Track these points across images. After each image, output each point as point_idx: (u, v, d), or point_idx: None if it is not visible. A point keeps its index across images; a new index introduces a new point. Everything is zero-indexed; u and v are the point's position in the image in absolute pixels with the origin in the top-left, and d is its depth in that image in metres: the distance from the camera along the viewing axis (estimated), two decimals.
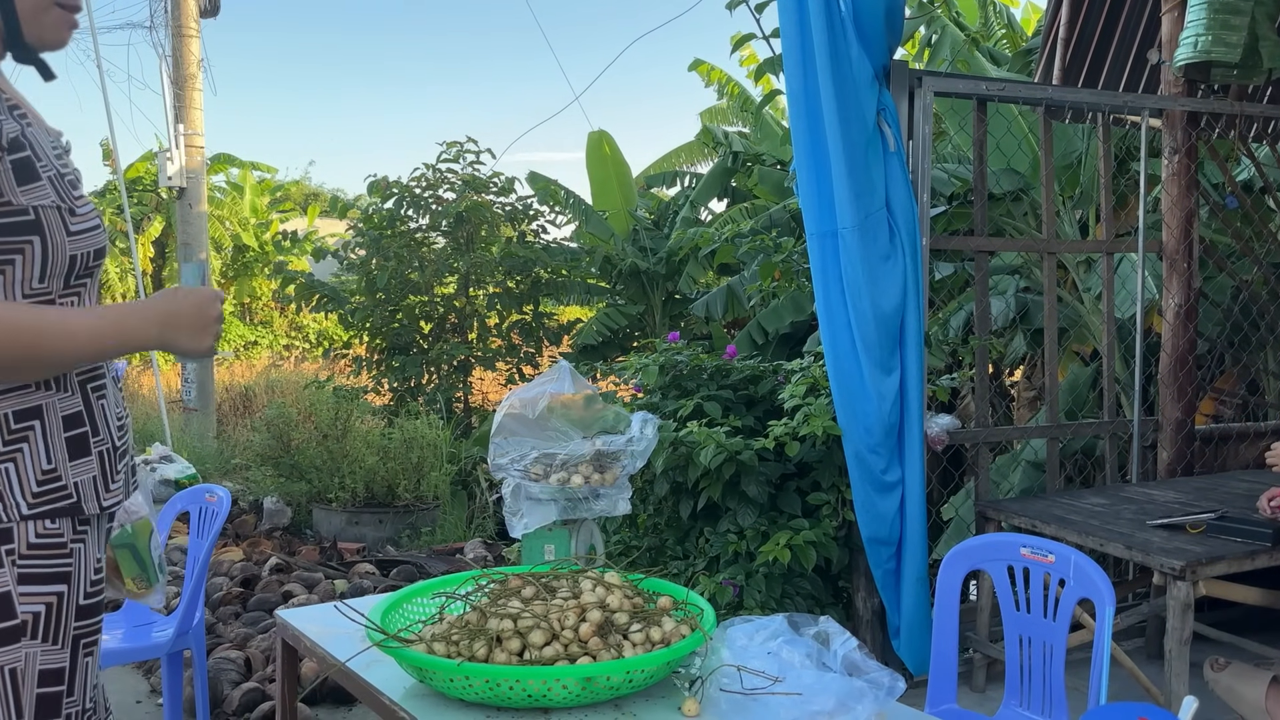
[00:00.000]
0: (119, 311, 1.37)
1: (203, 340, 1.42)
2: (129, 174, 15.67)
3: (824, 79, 3.13)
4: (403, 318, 7.70)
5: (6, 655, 1.30)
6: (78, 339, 1.31)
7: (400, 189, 7.79)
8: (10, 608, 1.30)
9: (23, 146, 1.30)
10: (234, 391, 10.53)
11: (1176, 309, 4.08)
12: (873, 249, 3.18)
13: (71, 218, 1.35)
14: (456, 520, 5.99)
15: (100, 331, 1.34)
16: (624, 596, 1.77)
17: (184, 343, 1.40)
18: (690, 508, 3.56)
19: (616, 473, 2.26)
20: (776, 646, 1.75)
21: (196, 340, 1.41)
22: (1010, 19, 7.72)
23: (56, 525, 1.34)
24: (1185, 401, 4.08)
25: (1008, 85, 3.83)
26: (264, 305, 17.69)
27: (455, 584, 1.96)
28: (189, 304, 1.41)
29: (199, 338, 1.41)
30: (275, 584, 4.60)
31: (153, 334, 1.38)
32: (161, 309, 1.39)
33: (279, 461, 6.27)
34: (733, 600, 3.33)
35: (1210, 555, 2.86)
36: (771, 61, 4.22)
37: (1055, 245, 4.04)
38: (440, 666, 1.61)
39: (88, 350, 1.33)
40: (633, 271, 8.53)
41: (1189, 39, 3.81)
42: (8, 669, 1.30)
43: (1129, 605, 3.93)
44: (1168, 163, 4.09)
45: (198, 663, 3.14)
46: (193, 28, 8.36)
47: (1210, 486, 3.73)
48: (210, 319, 1.43)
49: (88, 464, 1.38)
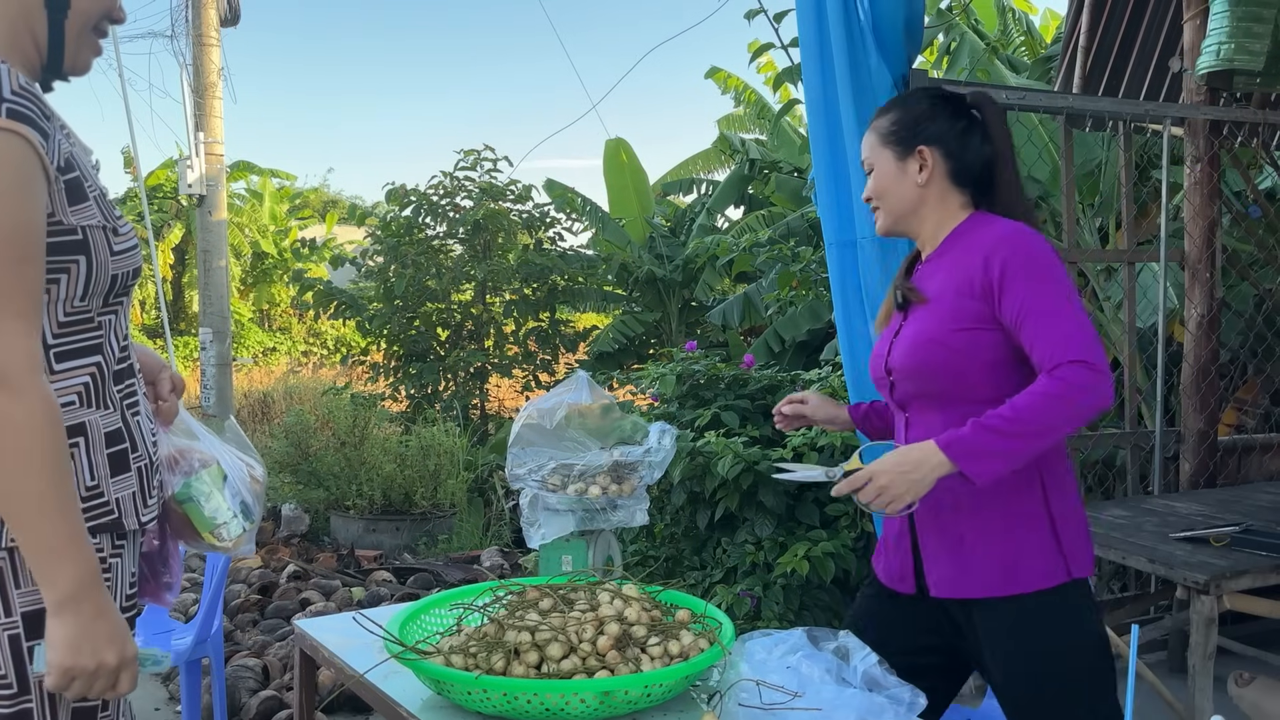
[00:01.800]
0: (86, 564, 1.26)
1: (80, 650, 1.26)
2: (149, 181, 15.80)
3: (843, 88, 3.12)
4: (420, 324, 7.72)
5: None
6: (46, 508, 1.23)
7: (418, 196, 7.82)
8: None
9: (74, 167, 1.32)
10: (252, 398, 10.59)
11: (1199, 319, 4.04)
12: (892, 259, 3.15)
13: (115, 237, 1.36)
14: (473, 528, 5.99)
15: (71, 539, 1.24)
16: (642, 609, 1.76)
17: (72, 633, 1.26)
18: (708, 518, 3.55)
19: (634, 484, 2.25)
20: (795, 661, 1.74)
21: (77, 645, 1.26)
22: (1029, 26, 7.68)
23: (97, 540, 1.35)
24: (1208, 412, 4.04)
25: (1028, 94, 3.81)
26: (282, 312, 17.79)
27: (473, 595, 1.96)
28: (101, 635, 1.28)
29: (80, 647, 1.26)
30: (293, 591, 4.62)
31: (68, 591, 1.24)
32: (93, 608, 1.27)
33: (297, 468, 6.29)
34: (750, 611, 3.31)
35: (1235, 569, 2.82)
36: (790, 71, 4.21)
37: (1076, 254, 4.01)
38: (458, 679, 1.60)
39: (53, 524, 1.23)
40: (649, 279, 8.53)
41: (1211, 47, 3.78)
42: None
43: (1151, 619, 3.89)
44: (1190, 171, 4.05)
45: (216, 671, 3.14)
46: (213, 36, 8.42)
47: (1233, 499, 3.69)
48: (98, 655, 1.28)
49: (128, 480, 1.39)
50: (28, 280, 1.23)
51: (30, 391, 1.21)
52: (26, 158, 1.22)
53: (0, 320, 1.21)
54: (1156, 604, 3.99)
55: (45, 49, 1.38)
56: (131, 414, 1.42)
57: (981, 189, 1.92)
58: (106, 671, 1.28)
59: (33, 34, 1.36)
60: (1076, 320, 1.70)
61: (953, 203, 1.91)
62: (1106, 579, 4.25)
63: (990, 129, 1.91)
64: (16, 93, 1.23)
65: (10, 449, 1.20)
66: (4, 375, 1.20)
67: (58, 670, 1.25)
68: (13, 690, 1.30)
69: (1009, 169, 1.90)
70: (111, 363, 1.40)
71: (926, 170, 1.89)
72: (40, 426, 1.21)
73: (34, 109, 1.24)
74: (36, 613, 1.30)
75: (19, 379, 1.21)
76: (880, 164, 1.94)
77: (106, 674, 1.28)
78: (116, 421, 1.39)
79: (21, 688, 1.30)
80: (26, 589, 1.30)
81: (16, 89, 1.23)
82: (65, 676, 1.26)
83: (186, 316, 16.53)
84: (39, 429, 1.21)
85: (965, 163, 1.89)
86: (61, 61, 1.40)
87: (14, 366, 1.21)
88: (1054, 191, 5.12)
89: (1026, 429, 1.65)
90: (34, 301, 1.24)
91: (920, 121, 1.90)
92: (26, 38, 1.36)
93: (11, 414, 1.20)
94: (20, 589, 1.30)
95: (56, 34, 1.37)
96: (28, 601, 1.30)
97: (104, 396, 1.37)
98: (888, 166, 1.93)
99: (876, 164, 1.95)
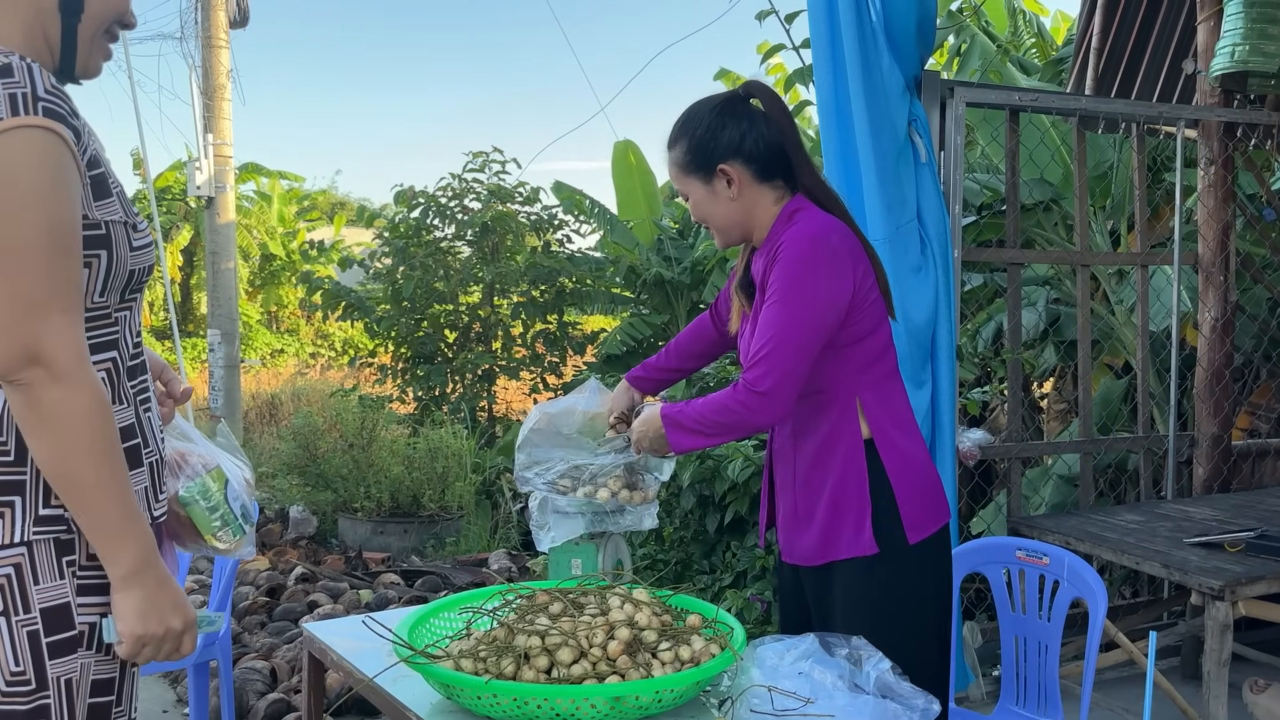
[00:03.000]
0: (145, 539, 1.34)
1: (149, 618, 1.34)
2: (158, 183, 15.84)
3: (855, 89, 3.10)
4: (428, 326, 7.71)
5: (64, 666, 1.32)
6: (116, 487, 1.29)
7: (426, 198, 7.82)
8: (69, 618, 1.32)
9: (99, 163, 1.34)
10: (260, 399, 10.60)
11: (1213, 322, 4.01)
12: (904, 261, 3.14)
13: (134, 233, 1.38)
14: (481, 530, 5.98)
15: (131, 517, 1.31)
16: (652, 614, 1.74)
17: (139, 604, 1.33)
18: (717, 521, 3.53)
19: (647, 493, 2.23)
20: (808, 667, 1.72)
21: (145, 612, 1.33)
22: (1040, 28, 7.65)
23: None
24: (1222, 416, 4.01)
25: (1041, 96, 3.78)
26: (290, 313, 17.82)
27: (482, 599, 1.95)
28: (166, 603, 1.35)
29: (148, 616, 1.34)
30: (301, 593, 4.61)
31: (133, 565, 1.32)
32: (155, 579, 1.34)
33: (305, 470, 6.28)
34: (760, 616, 3.30)
35: (1250, 575, 2.80)
36: (800, 73, 4.19)
37: (1089, 258, 3.99)
38: (468, 684, 1.59)
39: (114, 505, 1.29)
40: (657, 281, 8.50)
41: (1225, 48, 3.76)
42: (64, 679, 1.32)
43: (1165, 624, 3.86)
44: (1204, 174, 4.03)
45: (224, 673, 3.14)
46: (222, 39, 8.44)
47: (1248, 503, 3.66)
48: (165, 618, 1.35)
49: (140, 475, 1.41)
50: (71, 274, 1.27)
51: (84, 382, 1.26)
52: (63, 154, 1.26)
53: (50, 314, 1.24)
54: (1170, 610, 3.96)
55: (58, 51, 1.40)
56: (144, 410, 1.44)
57: (788, 175, 1.98)
58: (173, 636, 1.36)
59: (46, 36, 1.38)
60: (778, 345, 1.83)
61: (767, 199, 1.98)
62: (1118, 584, 4.22)
63: (771, 114, 1.98)
64: (50, 91, 1.27)
65: (71, 439, 1.25)
66: (60, 368, 1.24)
67: (130, 639, 1.32)
68: (31, 686, 1.30)
69: (798, 150, 1.97)
70: (126, 358, 1.41)
71: (735, 184, 1.96)
72: (95, 414, 1.27)
73: (65, 107, 1.28)
74: (56, 608, 1.31)
75: (73, 371, 1.25)
76: (692, 192, 2.01)
77: (173, 638, 1.36)
78: (130, 417, 1.40)
79: (40, 684, 1.31)
80: (46, 584, 1.31)
81: (49, 88, 1.27)
82: (138, 644, 1.33)
83: (195, 318, 16.58)
84: (95, 417, 1.27)
85: (764, 160, 1.95)
86: (74, 64, 1.41)
87: (67, 359, 1.25)
88: (1066, 194, 5.09)
89: (703, 427, 1.91)
90: (77, 295, 1.28)
91: (710, 141, 1.96)
92: (41, 40, 1.38)
93: (70, 405, 1.25)
94: (39, 584, 1.31)
95: (70, 37, 1.39)
96: (48, 597, 1.31)
97: (119, 392, 1.39)
98: (699, 194, 2.00)
99: (689, 193, 2.02)
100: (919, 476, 1.97)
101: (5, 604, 1.29)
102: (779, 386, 1.83)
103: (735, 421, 1.88)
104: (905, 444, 1.97)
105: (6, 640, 1.29)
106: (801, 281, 1.85)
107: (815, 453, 1.97)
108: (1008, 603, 2.58)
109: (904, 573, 1.95)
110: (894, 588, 1.94)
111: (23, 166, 1.22)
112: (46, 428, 1.25)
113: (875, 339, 1.96)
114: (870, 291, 1.94)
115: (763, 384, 1.83)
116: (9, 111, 1.22)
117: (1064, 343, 5.05)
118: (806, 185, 1.97)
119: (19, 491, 1.30)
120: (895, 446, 1.95)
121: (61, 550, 1.32)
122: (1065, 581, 2.44)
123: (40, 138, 1.23)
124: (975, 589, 3.77)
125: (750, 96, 2.00)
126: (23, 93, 1.23)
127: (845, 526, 1.94)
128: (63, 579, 1.32)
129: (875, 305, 1.95)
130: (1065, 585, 2.44)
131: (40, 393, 1.24)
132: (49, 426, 1.25)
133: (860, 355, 1.93)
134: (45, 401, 1.24)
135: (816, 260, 1.86)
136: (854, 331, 1.92)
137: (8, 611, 1.29)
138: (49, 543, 1.31)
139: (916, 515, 1.95)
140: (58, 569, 1.31)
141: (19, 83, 1.23)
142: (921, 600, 1.97)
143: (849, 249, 1.90)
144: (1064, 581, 2.44)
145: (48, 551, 1.31)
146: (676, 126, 2.01)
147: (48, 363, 1.24)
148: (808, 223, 1.91)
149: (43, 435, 1.25)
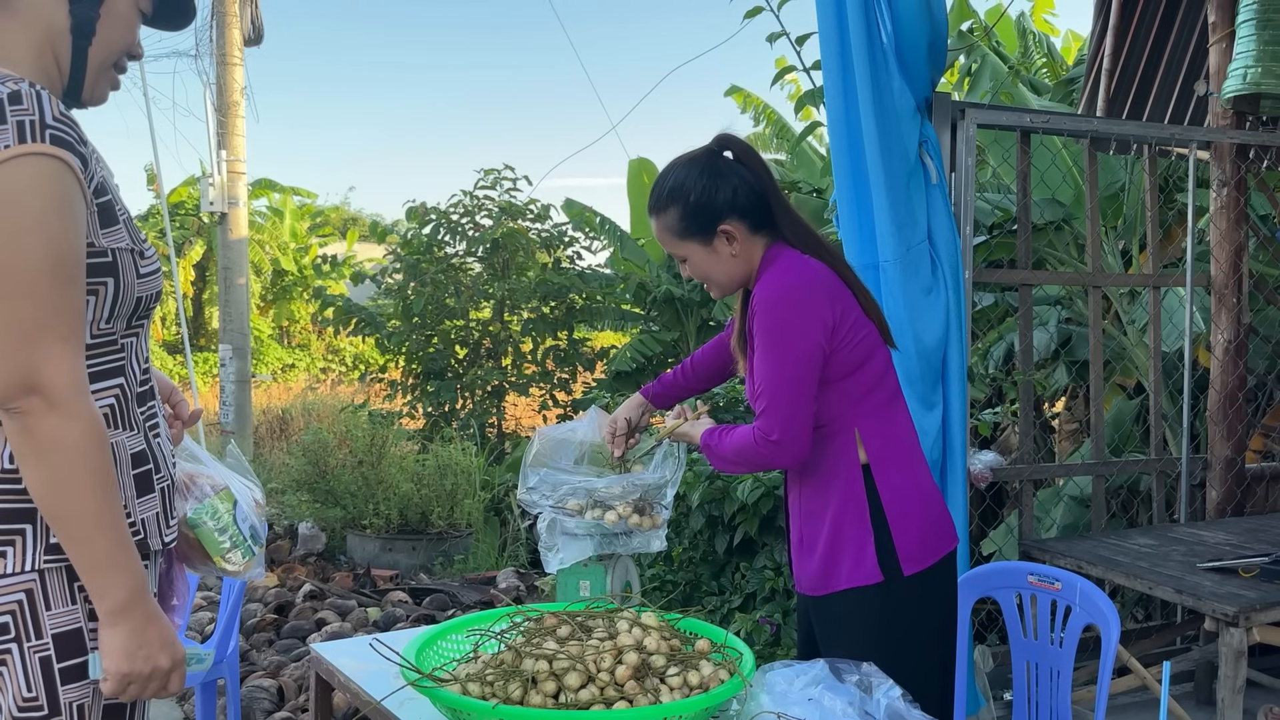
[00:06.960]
0: (135, 574, 1.31)
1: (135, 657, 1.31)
2: (172, 198, 15.95)
3: (865, 111, 3.10)
4: (438, 342, 7.73)
5: (76, 691, 1.32)
6: (102, 523, 1.27)
7: (438, 215, 7.85)
8: (81, 644, 1.32)
9: (106, 191, 1.34)
10: (271, 414, 10.62)
11: (1226, 344, 3.99)
12: (915, 282, 3.13)
13: (141, 260, 1.38)
14: (489, 548, 5.97)
15: (122, 551, 1.29)
16: (661, 638, 1.73)
17: (126, 641, 1.30)
18: (726, 543, 3.51)
19: (656, 518, 2.23)
20: (818, 693, 1.71)
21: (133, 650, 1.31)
22: (1050, 48, 7.65)
23: None
24: (1235, 439, 3.98)
25: (1053, 118, 3.78)
26: (302, 329, 17.88)
27: (490, 621, 1.94)
28: (154, 640, 1.33)
29: (135, 654, 1.31)
30: (309, 611, 4.60)
31: (121, 601, 1.29)
32: (143, 615, 1.32)
33: (314, 486, 6.29)
34: (769, 638, 3.28)
35: (1265, 600, 2.77)
36: (812, 94, 4.19)
37: (1101, 279, 3.97)
38: (475, 708, 1.58)
39: (104, 538, 1.27)
40: (667, 298, 8.51)
41: (1238, 70, 3.75)
42: (76, 705, 1.32)
43: (1178, 650, 3.82)
44: (1216, 195, 4.01)
45: (231, 692, 3.13)
46: (237, 56, 8.51)
47: (1261, 527, 3.63)
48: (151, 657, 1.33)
49: (152, 501, 1.41)
50: (73, 303, 1.27)
51: (81, 413, 1.25)
52: (69, 183, 1.26)
53: (49, 343, 1.24)
54: (1183, 634, 3.92)
55: (67, 75, 1.40)
56: (153, 435, 1.44)
57: (771, 223, 2.00)
58: (160, 674, 1.33)
59: (57, 58, 1.39)
60: (773, 395, 1.89)
61: (758, 247, 2.00)
62: (1130, 606, 4.18)
63: (747, 163, 1.99)
64: (58, 119, 1.26)
65: (65, 471, 1.24)
66: (56, 398, 1.23)
67: (115, 676, 1.30)
68: (44, 712, 1.30)
69: (778, 196, 1.99)
70: (134, 385, 1.41)
71: (736, 241, 1.98)
72: (90, 445, 1.26)
73: (73, 134, 1.28)
74: (68, 634, 1.31)
75: (69, 402, 1.24)
76: (691, 255, 2.01)
77: (160, 676, 1.33)
78: (140, 443, 1.40)
79: (52, 709, 1.30)
80: (58, 610, 1.31)
81: (58, 115, 1.27)
82: (123, 681, 1.31)
83: (207, 333, 16.64)
84: (89, 448, 1.25)
85: (754, 211, 1.97)
86: (81, 89, 1.42)
87: (65, 389, 1.24)
88: (1078, 214, 5.08)
89: (724, 457, 2.00)
90: (79, 324, 1.28)
91: (707, 204, 1.96)
92: (51, 61, 1.39)
93: (64, 436, 1.24)
94: (51, 610, 1.30)
95: (79, 61, 1.40)
96: (60, 623, 1.31)
97: (128, 418, 1.39)
98: (700, 256, 2.01)
99: (688, 256, 2.02)
100: (917, 508, 1.97)
101: (17, 630, 1.29)
102: (788, 434, 1.89)
103: (760, 464, 1.97)
104: (901, 475, 1.97)
105: (19, 666, 1.29)
106: (775, 331, 1.89)
107: (816, 482, 1.99)
108: (1020, 628, 2.57)
109: (903, 605, 1.95)
110: (893, 620, 1.95)
111: (29, 194, 1.22)
112: (40, 457, 1.24)
113: (869, 369, 1.96)
114: (856, 325, 1.94)
115: (773, 434, 1.89)
116: (17, 139, 1.22)
117: (1076, 363, 5.04)
118: (785, 230, 1.99)
119: (30, 519, 1.29)
120: (890, 479, 1.96)
121: (73, 577, 1.32)
122: (1077, 607, 2.42)
123: (47, 165, 1.23)
124: (987, 611, 3.75)
125: (724, 149, 2.01)
126: (30, 120, 1.23)
127: (845, 555, 1.95)
128: (75, 605, 1.32)
129: (865, 337, 1.96)
130: (1077, 611, 2.42)
131: (36, 421, 1.23)
132: (43, 455, 1.24)
133: (854, 387, 1.95)
134: (40, 430, 1.23)
135: (783, 308, 1.89)
136: (843, 365, 1.93)
137: (20, 638, 1.29)
138: (61, 570, 1.31)
139: (913, 548, 1.95)
140: (69, 595, 1.31)
141: (27, 110, 1.24)
142: (921, 632, 1.97)
143: (825, 288, 1.92)
144: (1076, 607, 2.43)
145: (59, 578, 1.31)
146: (664, 192, 2.00)
147: (45, 391, 1.23)
148: (777, 271, 1.94)
149: (36, 464, 1.24)
